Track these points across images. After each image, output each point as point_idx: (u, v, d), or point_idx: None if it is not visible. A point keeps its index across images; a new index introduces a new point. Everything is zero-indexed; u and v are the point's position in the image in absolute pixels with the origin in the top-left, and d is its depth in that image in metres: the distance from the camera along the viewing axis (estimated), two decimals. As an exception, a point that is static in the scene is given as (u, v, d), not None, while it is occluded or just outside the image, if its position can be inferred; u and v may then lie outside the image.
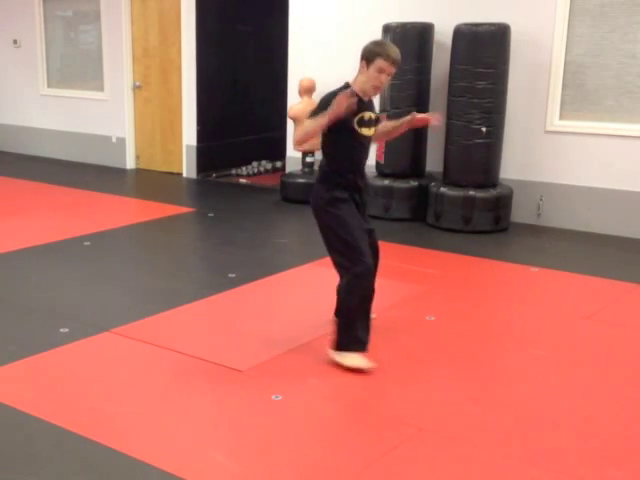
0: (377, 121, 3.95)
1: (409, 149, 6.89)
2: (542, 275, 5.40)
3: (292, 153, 7.94)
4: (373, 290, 3.91)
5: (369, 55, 3.76)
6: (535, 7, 6.52)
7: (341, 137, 3.82)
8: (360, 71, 3.81)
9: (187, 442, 3.08)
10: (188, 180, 8.90)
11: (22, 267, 5.45)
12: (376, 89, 3.83)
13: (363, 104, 3.81)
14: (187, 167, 8.98)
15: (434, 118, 4.08)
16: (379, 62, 3.72)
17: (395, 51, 3.79)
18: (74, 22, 9.89)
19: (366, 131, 3.86)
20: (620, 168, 6.37)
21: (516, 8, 6.56)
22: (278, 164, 9.22)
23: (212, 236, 6.48)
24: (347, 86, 3.81)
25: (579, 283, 5.22)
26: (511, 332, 4.36)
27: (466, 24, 6.40)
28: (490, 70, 6.31)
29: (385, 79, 3.77)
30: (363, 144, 3.90)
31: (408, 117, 4.06)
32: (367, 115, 3.83)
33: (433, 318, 4.50)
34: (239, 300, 4.82)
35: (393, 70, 3.77)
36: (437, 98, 6.91)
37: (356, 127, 3.80)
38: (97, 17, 9.42)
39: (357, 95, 3.75)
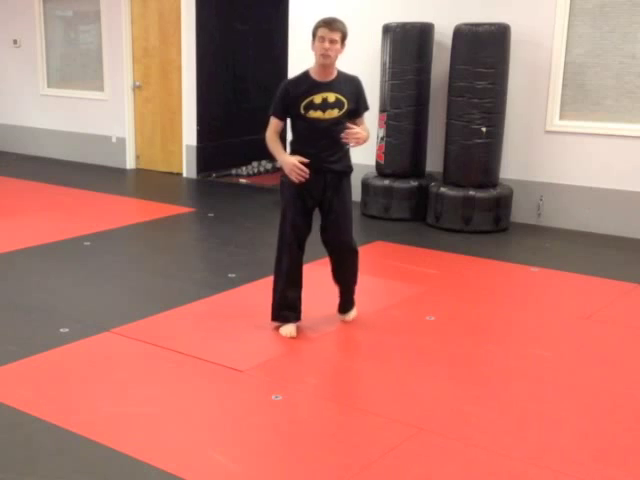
0: (339, 104, 3.98)
1: (409, 149, 6.89)
2: (542, 275, 5.40)
3: (292, 153, 7.94)
4: (296, 267, 4.20)
5: (312, 33, 4.00)
6: (535, 7, 6.52)
7: (295, 122, 4.10)
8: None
9: (187, 442, 3.08)
10: (188, 180, 8.90)
11: (22, 267, 5.45)
12: (322, 57, 3.91)
13: (316, 86, 3.97)
14: (187, 167, 8.99)
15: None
16: (318, 32, 3.95)
17: (330, 17, 4.00)
18: (74, 22, 9.89)
19: (316, 114, 3.99)
20: (620, 168, 6.37)
21: (516, 8, 6.56)
22: (278, 164, 9.19)
23: (212, 236, 6.48)
24: (306, 73, 4.04)
25: (579, 283, 5.22)
26: (511, 332, 4.36)
27: (466, 24, 6.40)
28: (490, 70, 6.31)
29: (328, 45, 3.89)
30: (317, 127, 3.99)
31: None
32: (318, 97, 3.97)
33: (433, 318, 4.50)
34: (239, 300, 4.82)
35: (331, 34, 3.90)
36: (437, 98, 6.91)
37: (302, 112, 4.00)
38: (97, 17, 9.42)
39: (311, 80, 3.98)
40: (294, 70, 7.77)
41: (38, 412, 3.29)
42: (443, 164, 6.75)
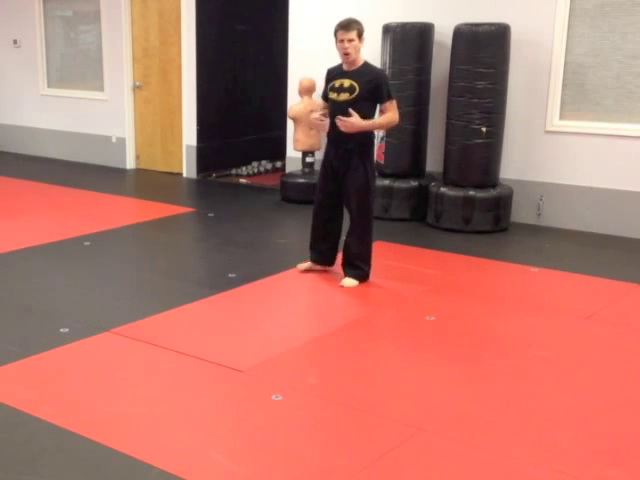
0: (351, 89, 4.74)
1: (409, 149, 6.89)
2: (542, 275, 5.40)
3: (292, 153, 7.94)
4: (320, 223, 5.07)
5: (334, 35, 4.76)
6: (535, 7, 6.52)
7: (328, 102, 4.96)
8: None
9: (187, 442, 3.08)
10: (188, 180, 8.90)
11: (22, 267, 5.45)
12: (343, 56, 4.77)
13: (341, 73, 4.83)
14: (187, 167, 8.98)
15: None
16: (337, 35, 4.75)
17: (345, 20, 4.77)
18: (74, 22, 9.89)
19: (333, 96, 4.84)
20: (620, 168, 6.37)
21: (516, 8, 6.56)
22: (278, 164, 9.22)
23: (212, 236, 6.48)
24: (341, 63, 4.88)
25: (579, 283, 5.22)
26: (511, 332, 4.36)
27: (466, 24, 6.40)
28: (490, 70, 6.31)
29: (347, 44, 4.69)
30: (335, 108, 4.81)
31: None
32: (338, 82, 4.81)
33: (433, 318, 4.50)
34: (239, 300, 4.82)
35: (347, 35, 4.68)
36: (437, 98, 6.91)
37: (327, 93, 4.91)
38: (97, 17, 9.42)
39: (340, 69, 4.87)
40: (294, 70, 7.80)
41: (38, 412, 3.29)
42: (443, 164, 6.75)
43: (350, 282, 5.00)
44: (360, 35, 4.73)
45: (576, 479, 2.86)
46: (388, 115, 4.85)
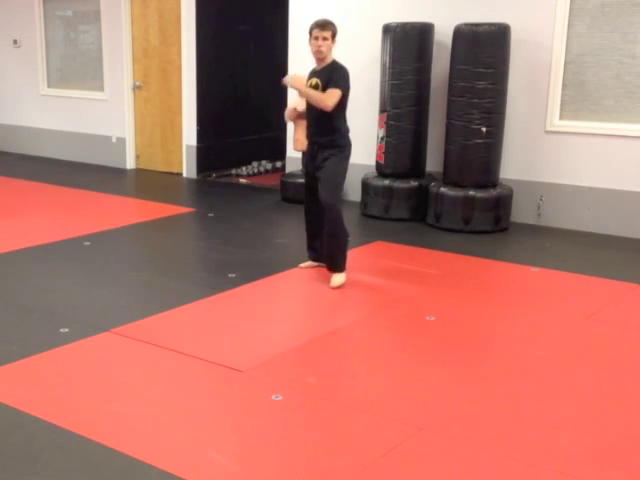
0: (316, 86, 4.89)
1: (409, 149, 6.89)
2: (542, 275, 5.40)
3: (292, 153, 7.93)
4: (309, 216, 5.27)
5: (309, 33, 4.92)
6: (535, 7, 6.52)
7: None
8: None
9: (187, 442, 3.08)
10: (188, 180, 8.90)
11: (22, 267, 5.45)
12: (315, 53, 4.92)
13: (313, 73, 4.99)
14: (187, 167, 8.98)
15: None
16: (312, 32, 4.89)
17: (321, 19, 4.94)
18: (74, 22, 9.89)
19: None
20: (620, 168, 6.37)
21: (516, 8, 6.56)
22: (278, 164, 9.22)
23: (212, 236, 6.48)
24: (314, 70, 5.03)
25: (579, 283, 5.22)
26: (511, 332, 4.36)
27: (466, 24, 6.40)
28: (490, 70, 6.31)
29: (321, 42, 4.84)
30: (307, 106, 5.07)
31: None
32: (308, 82, 4.97)
33: (433, 318, 4.50)
34: (239, 300, 4.82)
35: (322, 33, 4.84)
36: (437, 98, 6.91)
37: None
38: (97, 17, 9.42)
39: (314, 69, 5.00)
40: (294, 70, 7.78)
41: (38, 412, 3.29)
42: (443, 164, 6.74)
43: (337, 280, 5.00)
44: (334, 36, 4.91)
45: (576, 479, 2.86)
46: (323, 94, 4.81)
